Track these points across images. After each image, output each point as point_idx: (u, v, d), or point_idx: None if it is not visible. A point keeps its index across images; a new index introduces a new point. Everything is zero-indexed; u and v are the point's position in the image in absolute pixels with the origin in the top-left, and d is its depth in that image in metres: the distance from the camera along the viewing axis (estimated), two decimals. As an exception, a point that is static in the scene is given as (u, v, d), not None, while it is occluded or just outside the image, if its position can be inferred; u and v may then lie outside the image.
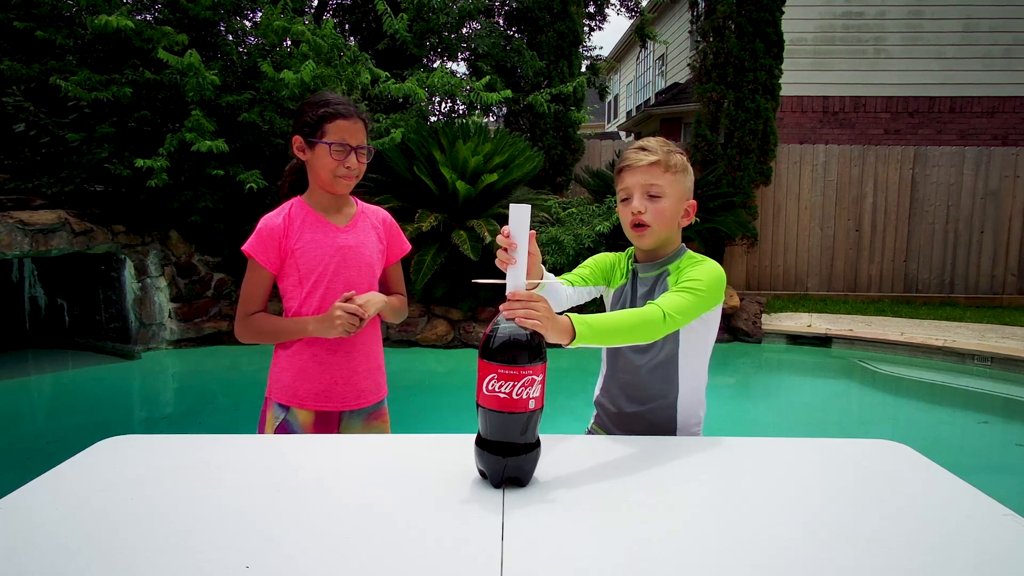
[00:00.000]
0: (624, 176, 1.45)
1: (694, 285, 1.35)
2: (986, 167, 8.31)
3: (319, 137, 1.65)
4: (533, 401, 1.08)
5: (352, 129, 1.66)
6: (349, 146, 1.66)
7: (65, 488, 1.12)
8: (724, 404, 4.78)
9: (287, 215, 1.70)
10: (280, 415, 1.73)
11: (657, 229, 1.43)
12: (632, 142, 1.52)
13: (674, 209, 1.43)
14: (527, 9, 8.03)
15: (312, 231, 1.70)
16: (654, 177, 1.40)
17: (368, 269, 1.77)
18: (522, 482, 1.13)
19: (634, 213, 1.41)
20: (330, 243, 1.71)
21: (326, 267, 1.70)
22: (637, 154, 1.43)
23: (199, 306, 5.88)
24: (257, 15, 6.24)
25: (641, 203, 1.41)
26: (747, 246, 8.09)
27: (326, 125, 1.64)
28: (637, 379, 1.48)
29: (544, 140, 7.93)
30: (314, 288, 1.70)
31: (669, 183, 1.41)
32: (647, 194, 1.41)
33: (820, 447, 1.37)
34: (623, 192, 1.46)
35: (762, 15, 7.32)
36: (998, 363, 5.32)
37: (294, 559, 0.89)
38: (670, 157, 1.42)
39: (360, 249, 1.75)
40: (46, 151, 5.51)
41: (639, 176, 1.41)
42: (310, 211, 1.72)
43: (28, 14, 5.34)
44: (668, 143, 1.45)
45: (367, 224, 1.80)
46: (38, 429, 4.16)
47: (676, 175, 1.42)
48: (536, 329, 1.07)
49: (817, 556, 0.92)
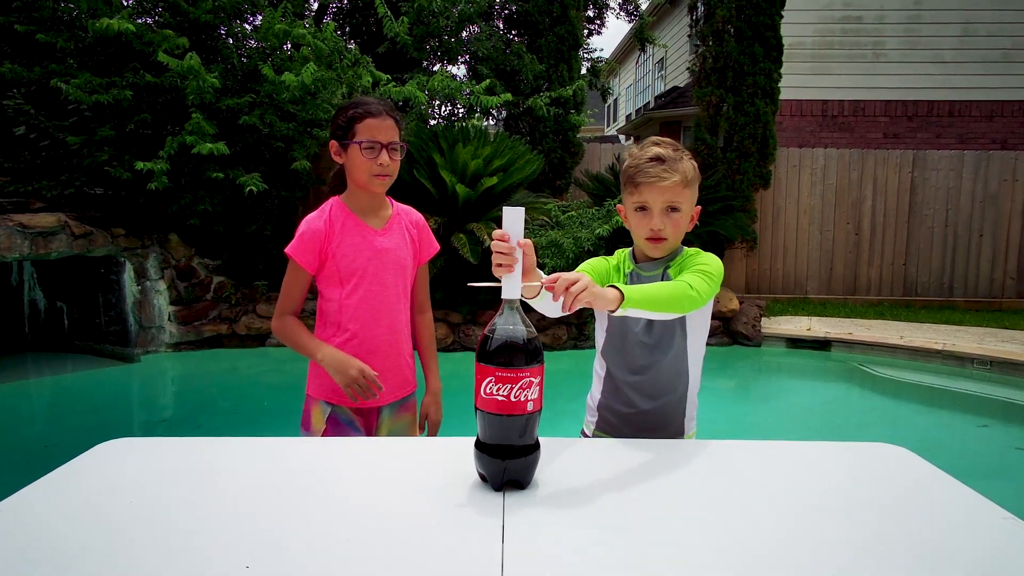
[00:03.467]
0: (643, 190, 1.43)
1: (705, 269, 1.39)
2: (985, 171, 8.33)
3: (351, 138, 1.69)
4: (532, 403, 1.08)
5: (382, 127, 1.69)
6: (380, 143, 1.68)
7: (66, 490, 1.12)
8: (724, 407, 4.78)
9: (328, 218, 1.74)
10: (327, 409, 1.78)
11: (671, 241, 1.47)
12: (642, 144, 1.48)
13: (687, 219, 1.48)
14: (527, 13, 8.04)
15: (351, 235, 1.75)
16: (675, 195, 1.42)
17: (403, 271, 1.83)
18: (522, 484, 1.13)
19: (654, 230, 1.43)
20: (368, 246, 1.76)
21: (364, 269, 1.75)
22: (657, 169, 1.41)
23: (199, 309, 5.88)
24: (258, 19, 6.25)
25: (661, 220, 1.43)
26: (746, 249, 8.09)
27: (356, 125, 1.68)
28: (654, 374, 1.50)
29: (544, 143, 7.94)
30: (354, 289, 1.76)
31: (687, 197, 1.44)
32: (667, 208, 1.43)
33: (819, 450, 1.37)
34: (639, 203, 1.45)
35: (761, 19, 7.34)
36: (997, 366, 5.32)
37: (294, 560, 0.89)
38: (688, 170, 1.43)
39: (396, 252, 1.80)
40: (46, 154, 5.51)
41: (661, 194, 1.41)
42: (349, 214, 1.76)
43: (29, 17, 5.34)
44: (679, 148, 1.45)
45: (401, 226, 1.85)
46: (37, 432, 4.16)
47: (691, 188, 1.44)
48: (585, 303, 1.11)
49: (816, 558, 0.92)
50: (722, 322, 6.39)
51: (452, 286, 5.87)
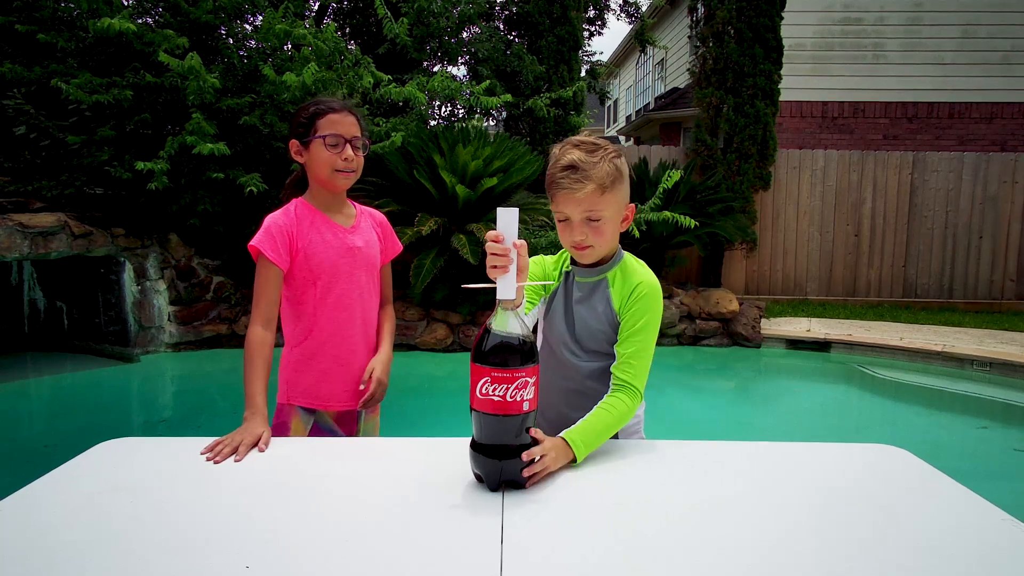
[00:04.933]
0: (559, 201, 1.36)
1: (643, 335, 1.39)
2: (985, 173, 8.33)
3: (312, 134, 1.66)
4: (527, 403, 1.09)
5: (344, 122, 1.67)
6: (343, 138, 1.66)
7: (66, 489, 1.12)
8: (723, 409, 4.78)
9: (295, 215, 1.69)
10: (309, 420, 1.74)
11: (599, 249, 1.40)
12: (562, 144, 1.37)
13: (614, 224, 1.39)
14: (527, 14, 8.05)
15: (320, 231, 1.70)
16: (592, 204, 1.33)
17: (374, 270, 1.80)
18: (520, 484, 1.13)
19: (575, 241, 1.38)
20: (340, 243, 1.71)
21: (337, 267, 1.70)
22: (569, 180, 1.32)
23: (198, 309, 5.87)
24: (258, 19, 6.25)
25: (581, 231, 1.36)
26: (746, 251, 8.10)
27: (318, 121, 1.66)
28: (580, 384, 1.45)
29: (544, 144, 7.93)
30: (328, 288, 1.70)
31: (608, 203, 1.35)
32: (587, 219, 1.35)
33: (819, 451, 1.37)
34: (560, 214, 1.38)
35: (761, 20, 7.35)
36: (997, 368, 5.32)
37: (294, 560, 0.89)
38: (605, 176, 1.32)
39: (367, 250, 1.77)
40: (46, 154, 5.51)
41: (578, 205, 1.33)
42: (314, 210, 1.72)
43: (30, 17, 5.35)
44: (599, 147, 1.35)
45: (368, 225, 1.82)
46: (36, 432, 4.15)
47: (613, 191, 1.34)
48: (549, 473, 1.19)
49: (815, 559, 0.92)
50: (722, 323, 6.40)
51: (452, 286, 5.87)
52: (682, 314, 6.40)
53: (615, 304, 1.41)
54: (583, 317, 1.44)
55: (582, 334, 1.45)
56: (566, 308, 1.47)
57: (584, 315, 1.44)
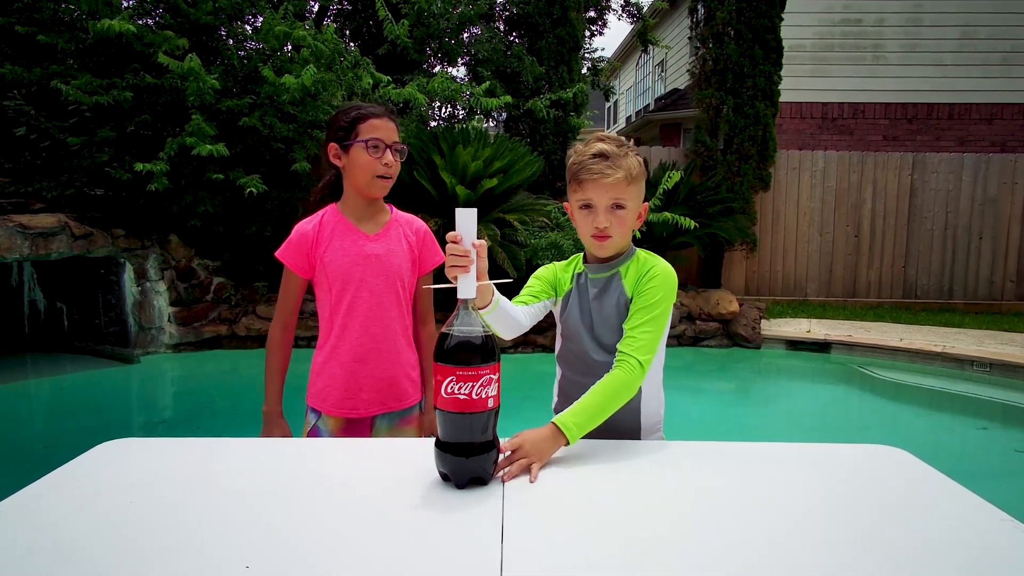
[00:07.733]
0: (587, 187, 1.39)
1: (653, 312, 1.37)
2: (984, 174, 8.33)
3: (354, 138, 1.66)
4: (492, 400, 1.11)
5: (385, 127, 1.68)
6: (384, 143, 1.66)
7: (67, 490, 1.12)
8: (723, 409, 4.78)
9: (319, 223, 1.72)
10: (312, 420, 1.76)
11: (619, 239, 1.43)
12: (587, 140, 1.42)
13: (633, 216, 1.43)
14: (527, 15, 8.05)
15: (340, 239, 1.71)
16: (620, 192, 1.37)
17: (396, 278, 1.75)
18: (484, 480, 1.14)
19: (599, 228, 1.40)
20: (357, 251, 1.71)
21: (351, 275, 1.70)
22: (600, 166, 1.37)
23: (198, 310, 5.88)
24: (258, 20, 6.26)
25: (607, 218, 1.39)
26: (746, 251, 8.09)
27: (359, 126, 1.66)
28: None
29: (544, 145, 7.94)
30: (341, 296, 1.71)
31: (632, 194, 1.40)
32: (613, 206, 1.39)
33: (819, 452, 1.37)
34: (583, 200, 1.41)
35: (761, 22, 7.35)
36: (997, 369, 5.32)
37: (294, 560, 0.89)
38: (632, 167, 1.38)
39: (388, 257, 1.74)
40: (47, 155, 5.52)
41: (605, 191, 1.37)
42: (342, 219, 1.73)
43: (30, 18, 5.35)
44: (624, 143, 1.41)
45: (399, 233, 1.79)
46: (36, 433, 4.15)
47: (637, 184, 1.40)
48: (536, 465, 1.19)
49: (814, 559, 0.92)
50: (722, 324, 6.40)
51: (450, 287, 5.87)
52: (682, 315, 6.40)
53: (628, 291, 1.42)
54: (599, 311, 1.46)
55: (600, 329, 1.46)
56: (582, 306, 1.48)
57: (600, 309, 1.45)
